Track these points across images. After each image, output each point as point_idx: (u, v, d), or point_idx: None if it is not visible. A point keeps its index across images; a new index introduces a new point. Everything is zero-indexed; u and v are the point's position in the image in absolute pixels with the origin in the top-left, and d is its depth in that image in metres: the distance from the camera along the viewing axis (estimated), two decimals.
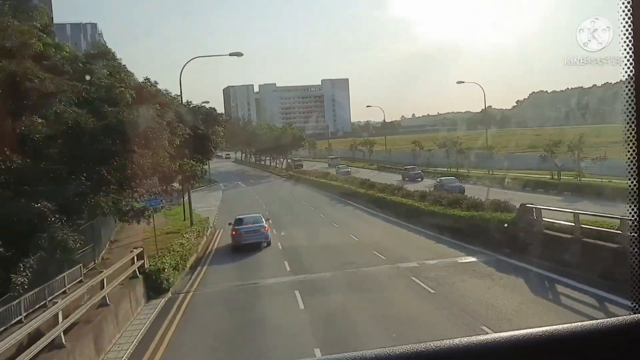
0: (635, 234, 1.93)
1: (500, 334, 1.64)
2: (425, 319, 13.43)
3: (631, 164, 1.92)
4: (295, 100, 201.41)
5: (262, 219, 26.27)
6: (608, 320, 1.73)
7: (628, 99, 1.89)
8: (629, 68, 1.88)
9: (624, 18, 1.87)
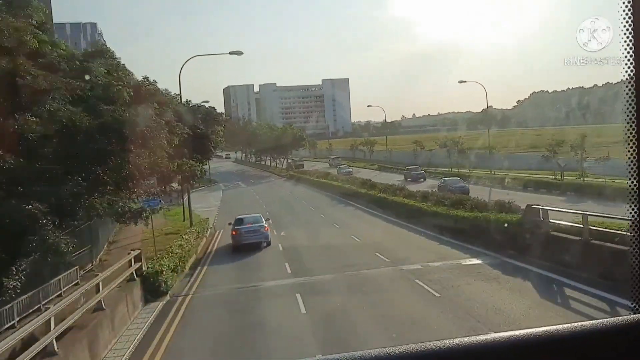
0: (635, 234, 1.94)
1: (500, 334, 1.64)
2: (430, 323, 13.06)
3: (631, 164, 1.92)
4: (295, 100, 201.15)
5: (262, 218, 26.23)
6: (608, 320, 1.73)
7: (628, 98, 1.90)
8: (629, 68, 1.89)
9: (624, 18, 1.88)
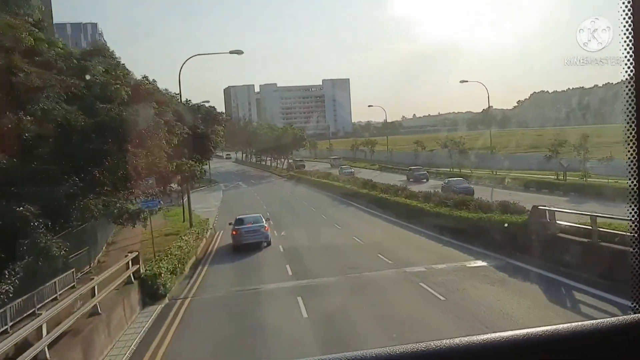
0: (635, 234, 1.93)
1: (500, 334, 1.62)
2: (435, 328, 12.66)
3: (631, 164, 1.92)
4: (296, 100, 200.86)
5: (262, 218, 26.26)
6: (608, 320, 1.72)
7: (628, 99, 1.89)
8: (629, 68, 1.88)
9: (624, 18, 1.87)
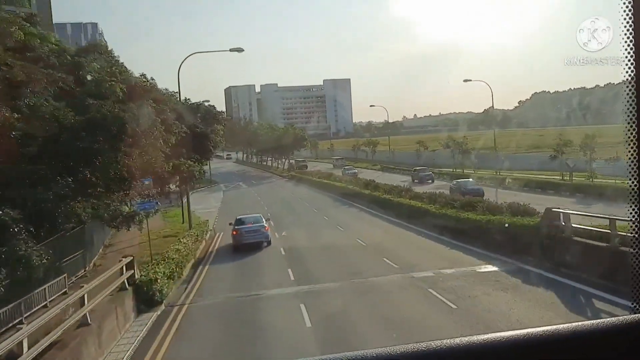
0: (635, 234, 1.91)
1: (500, 334, 1.60)
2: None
3: (632, 165, 1.90)
4: (296, 101, 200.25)
5: (263, 219, 26.29)
6: (608, 320, 1.69)
7: (629, 99, 1.87)
8: (630, 68, 1.86)
9: (624, 18, 1.85)
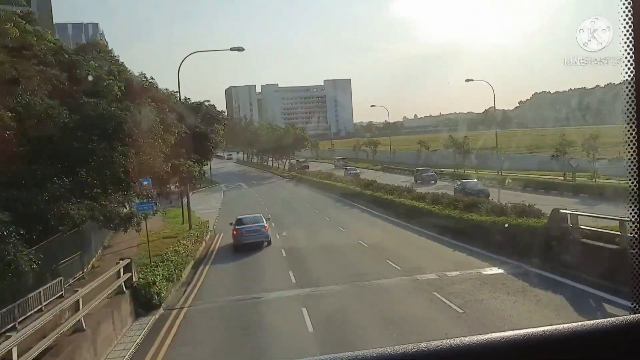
0: (635, 234, 1.90)
1: (500, 334, 1.60)
2: None
3: (632, 165, 1.89)
4: (297, 101, 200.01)
5: (263, 219, 26.40)
6: (608, 320, 1.68)
7: (629, 99, 1.87)
8: (629, 68, 1.86)
9: (624, 18, 1.84)
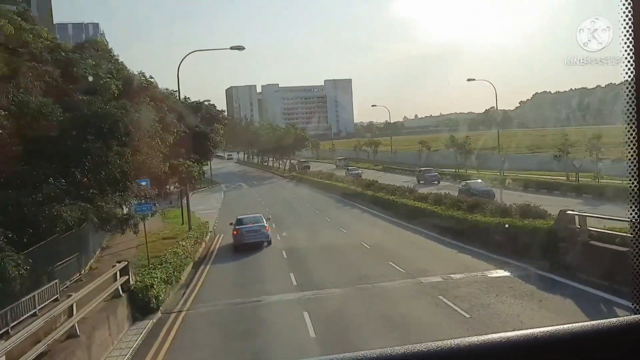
0: (636, 235, 1.89)
1: (501, 334, 1.59)
2: None
3: (632, 165, 1.88)
4: (297, 101, 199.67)
5: (263, 219, 26.44)
6: (609, 321, 1.68)
7: (629, 99, 1.86)
8: (630, 68, 1.85)
9: (624, 18, 1.83)
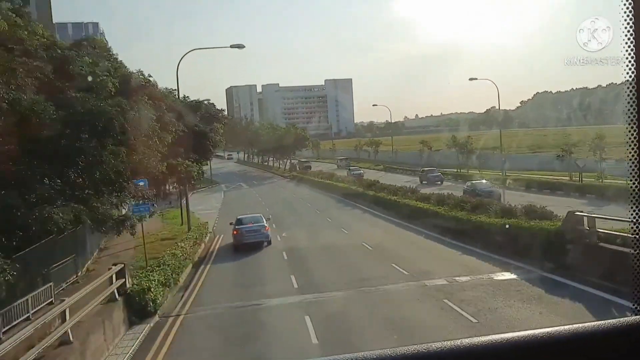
0: (636, 235, 1.88)
1: (501, 335, 1.59)
2: None
3: (632, 165, 1.87)
4: (298, 101, 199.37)
5: (263, 219, 26.46)
6: (610, 322, 1.67)
7: (629, 99, 1.85)
8: (630, 68, 1.83)
9: (624, 18, 1.82)
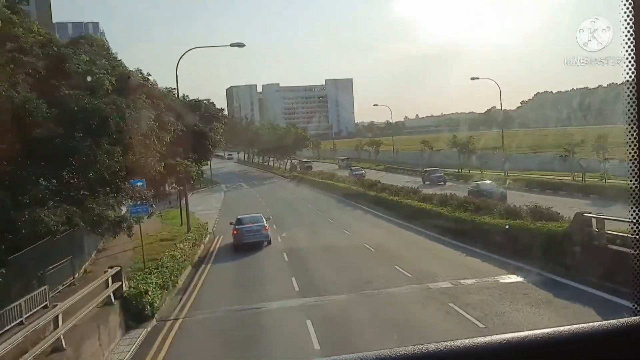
0: (637, 235, 1.87)
1: (501, 336, 1.58)
2: None
3: (632, 165, 1.87)
4: (298, 101, 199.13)
5: (263, 218, 26.49)
6: (610, 322, 1.67)
7: (629, 99, 1.84)
8: (630, 68, 1.83)
9: (624, 18, 1.81)
